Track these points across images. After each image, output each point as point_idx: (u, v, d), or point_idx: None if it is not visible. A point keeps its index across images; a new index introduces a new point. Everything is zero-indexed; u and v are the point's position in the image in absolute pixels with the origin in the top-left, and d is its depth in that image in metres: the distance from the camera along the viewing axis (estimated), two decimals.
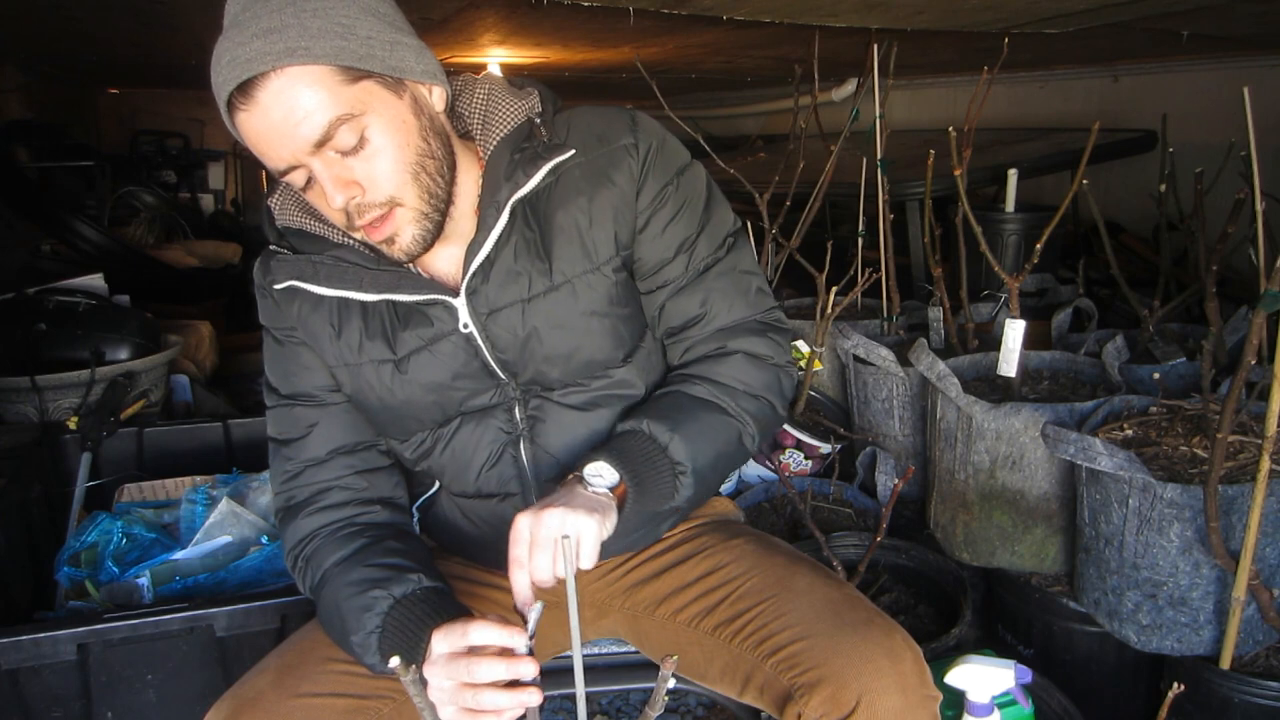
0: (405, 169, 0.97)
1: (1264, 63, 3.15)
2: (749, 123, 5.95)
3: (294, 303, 1.10)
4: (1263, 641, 1.50)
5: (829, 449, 2.37)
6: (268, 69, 0.89)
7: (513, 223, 1.06)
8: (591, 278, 1.08)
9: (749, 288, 1.15)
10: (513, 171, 1.04)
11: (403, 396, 1.10)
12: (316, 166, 0.94)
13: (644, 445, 1.02)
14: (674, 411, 1.06)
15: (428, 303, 1.07)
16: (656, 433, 1.02)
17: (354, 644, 1.01)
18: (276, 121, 0.91)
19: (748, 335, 1.13)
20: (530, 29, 2.98)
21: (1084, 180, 1.96)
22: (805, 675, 0.98)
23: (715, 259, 1.13)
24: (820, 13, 2.32)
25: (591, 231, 1.07)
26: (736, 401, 1.09)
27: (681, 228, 1.11)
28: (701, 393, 1.09)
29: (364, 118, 0.93)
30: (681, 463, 1.02)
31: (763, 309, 1.16)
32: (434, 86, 1.01)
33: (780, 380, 1.15)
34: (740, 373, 1.11)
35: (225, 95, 0.91)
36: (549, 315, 1.07)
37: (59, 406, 2.28)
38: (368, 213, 0.97)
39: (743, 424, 1.09)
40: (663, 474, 1.02)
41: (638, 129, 1.09)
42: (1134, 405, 1.75)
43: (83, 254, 3.57)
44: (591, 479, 0.98)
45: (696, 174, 1.13)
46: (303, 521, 1.11)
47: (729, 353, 1.13)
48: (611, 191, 1.07)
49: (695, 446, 1.03)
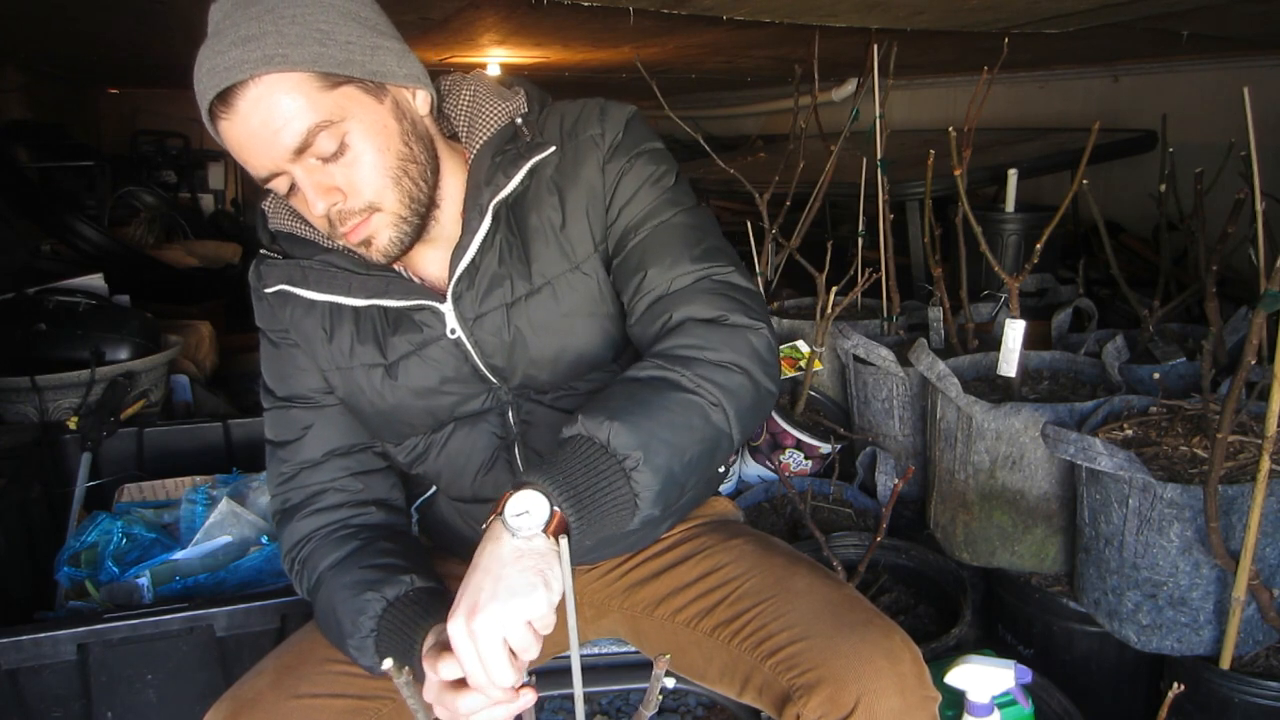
0: (386, 174, 0.97)
1: (1264, 63, 3.15)
2: (749, 123, 5.95)
3: (286, 306, 1.11)
4: (1263, 641, 1.50)
5: (829, 449, 2.37)
6: (245, 77, 0.89)
7: (496, 226, 1.05)
8: (571, 278, 1.06)
9: (696, 244, 1.03)
10: (493, 174, 1.04)
11: (393, 401, 1.09)
12: (298, 173, 0.94)
13: (579, 450, 0.84)
14: (610, 399, 0.88)
15: (415, 308, 1.07)
16: (590, 429, 0.84)
17: (350, 646, 1.02)
18: (256, 129, 0.91)
19: (695, 298, 0.99)
20: (530, 29, 2.98)
21: (1084, 180, 1.95)
22: (804, 676, 0.98)
23: (662, 220, 1.05)
24: (820, 13, 2.32)
25: (566, 230, 1.06)
26: (693, 370, 0.91)
27: (641, 199, 1.06)
28: (647, 371, 0.92)
29: (344, 124, 0.93)
30: (628, 455, 0.83)
31: (713, 265, 1.02)
32: (417, 90, 1.01)
33: (750, 341, 0.96)
34: (692, 339, 0.95)
35: (206, 104, 0.92)
36: (531, 318, 1.06)
37: (59, 406, 2.28)
38: (349, 219, 0.97)
39: (703, 395, 0.90)
40: (609, 478, 0.84)
41: (605, 119, 1.07)
42: (1134, 405, 1.74)
43: (83, 254, 3.56)
44: (514, 523, 0.82)
45: (662, 158, 1.09)
46: (299, 524, 1.11)
47: (676, 322, 0.98)
48: (580, 186, 1.06)
49: (645, 433, 0.84)
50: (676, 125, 2.95)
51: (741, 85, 5.19)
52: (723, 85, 5.17)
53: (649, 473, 0.84)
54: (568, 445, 0.86)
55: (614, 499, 0.84)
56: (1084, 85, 4.00)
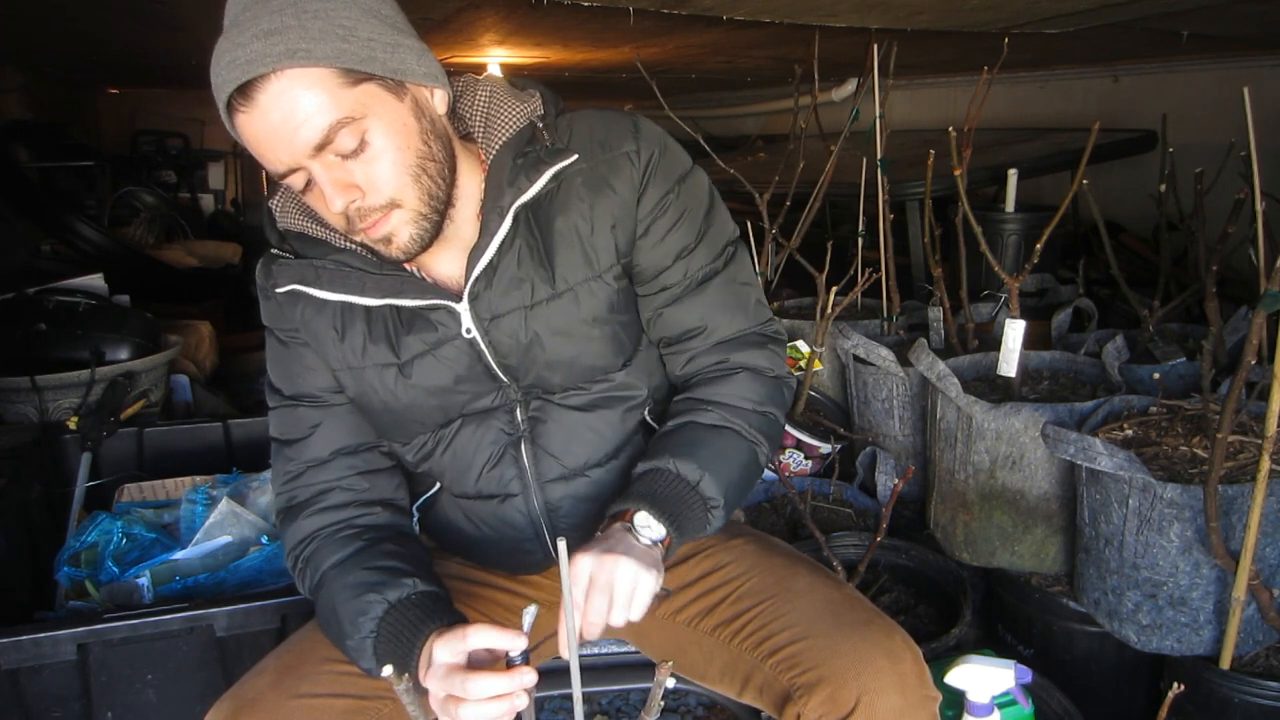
0: (406, 171, 0.96)
1: (1264, 63, 3.15)
2: (749, 123, 5.94)
3: (297, 306, 1.10)
4: (1263, 641, 1.50)
5: (829, 449, 2.37)
6: (268, 70, 0.88)
7: (516, 228, 1.05)
8: (594, 285, 1.07)
9: (748, 300, 1.15)
10: (515, 177, 1.03)
11: (406, 400, 1.09)
12: (316, 170, 0.93)
13: (676, 487, 1.03)
14: (695, 447, 1.06)
15: (430, 308, 1.06)
16: (686, 472, 1.04)
17: (349, 647, 1.01)
18: (276, 124, 0.90)
19: (749, 349, 1.14)
20: (530, 29, 2.98)
21: (1084, 180, 1.95)
22: (804, 676, 0.98)
23: (714, 270, 1.13)
24: (820, 13, 2.32)
25: (593, 238, 1.07)
26: (748, 422, 1.10)
27: (681, 235, 1.10)
28: (715, 419, 1.10)
29: (364, 121, 0.92)
30: (714, 498, 1.04)
31: (761, 321, 1.16)
32: (435, 89, 1.00)
33: (782, 392, 1.17)
34: (746, 390, 1.12)
35: (225, 97, 0.90)
36: (551, 322, 1.07)
37: (59, 406, 2.28)
38: (368, 216, 0.96)
39: (757, 444, 1.11)
40: (696, 512, 1.04)
41: (640, 135, 1.08)
42: (1134, 405, 1.75)
43: (83, 254, 3.56)
44: (641, 530, 0.99)
45: (698, 181, 1.12)
46: (303, 522, 1.11)
47: (733, 369, 1.13)
48: (612, 199, 1.06)
49: (722, 479, 1.05)
50: (676, 125, 2.96)
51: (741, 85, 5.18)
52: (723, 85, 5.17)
53: (723, 510, 1.06)
54: (662, 479, 1.04)
55: (695, 528, 1.05)
56: (1084, 85, 4.00)
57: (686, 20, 2.52)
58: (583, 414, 1.12)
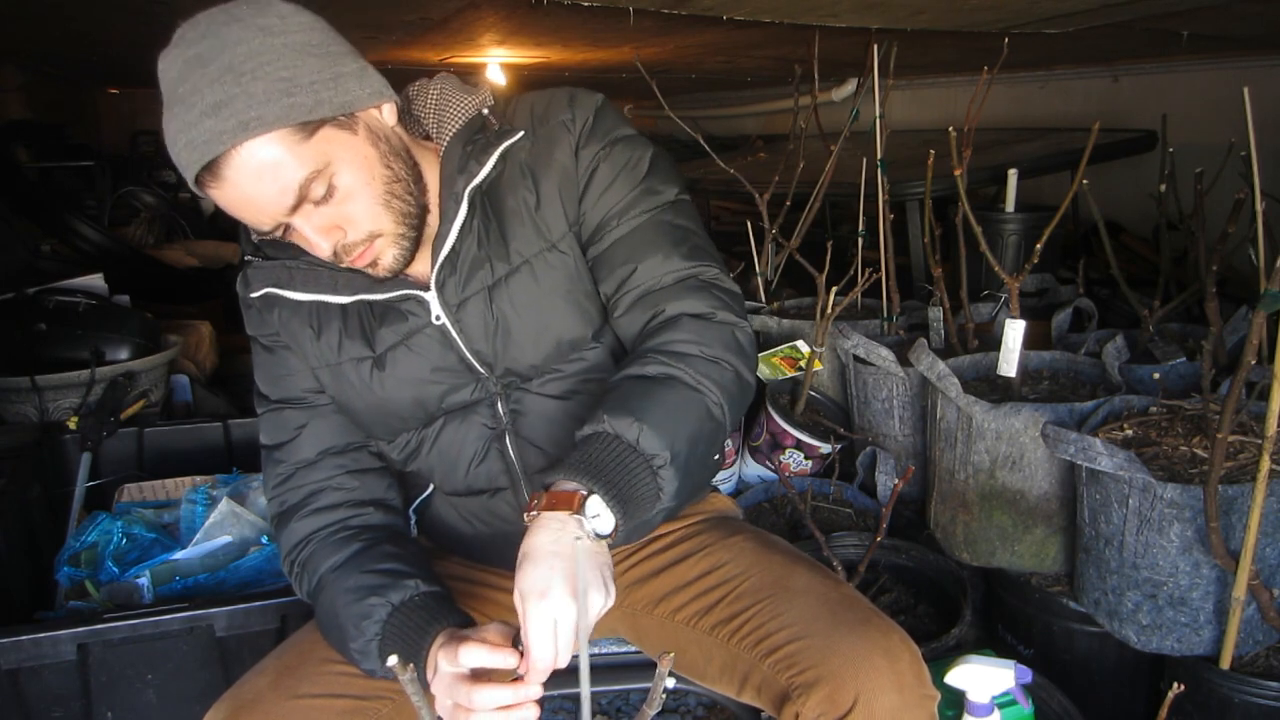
0: (377, 201, 0.99)
1: (1264, 63, 3.15)
2: (749, 123, 5.94)
3: (274, 309, 1.13)
4: (1263, 641, 1.50)
5: (829, 449, 2.37)
6: (226, 148, 0.89)
7: (473, 212, 1.07)
8: (549, 256, 1.09)
9: (683, 242, 1.08)
10: (466, 163, 1.06)
11: (383, 394, 1.11)
12: (297, 223, 0.97)
13: (613, 449, 0.91)
14: (632, 399, 0.94)
15: (401, 299, 1.08)
16: (621, 429, 0.91)
17: (353, 650, 1.02)
18: (251, 195, 0.93)
19: (686, 295, 1.05)
20: (530, 29, 2.98)
21: (1084, 180, 1.95)
22: (803, 675, 0.98)
23: (649, 217, 1.09)
24: (820, 13, 2.32)
25: (541, 210, 1.08)
26: (694, 368, 0.98)
27: (618, 188, 1.09)
28: (655, 369, 0.98)
29: (329, 168, 0.95)
30: (657, 454, 0.91)
31: (699, 263, 1.08)
32: (382, 104, 1.02)
33: (735, 337, 1.04)
34: (688, 334, 1.02)
35: (191, 176, 0.92)
36: (514, 299, 1.08)
37: (59, 406, 2.28)
38: (353, 250, 1.00)
39: (705, 393, 0.98)
40: (640, 476, 0.91)
41: (575, 104, 1.10)
42: (1134, 405, 1.74)
43: (83, 254, 3.56)
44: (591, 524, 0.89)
45: (636, 143, 1.12)
46: (297, 525, 1.12)
47: (672, 317, 1.04)
48: (554, 167, 1.08)
49: (665, 432, 0.92)
50: (676, 125, 2.95)
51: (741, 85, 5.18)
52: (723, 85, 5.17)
53: (672, 469, 0.92)
54: (598, 444, 0.91)
55: (643, 495, 0.91)
56: (1084, 85, 4.00)
57: (686, 20, 2.52)
58: (562, 402, 1.12)
